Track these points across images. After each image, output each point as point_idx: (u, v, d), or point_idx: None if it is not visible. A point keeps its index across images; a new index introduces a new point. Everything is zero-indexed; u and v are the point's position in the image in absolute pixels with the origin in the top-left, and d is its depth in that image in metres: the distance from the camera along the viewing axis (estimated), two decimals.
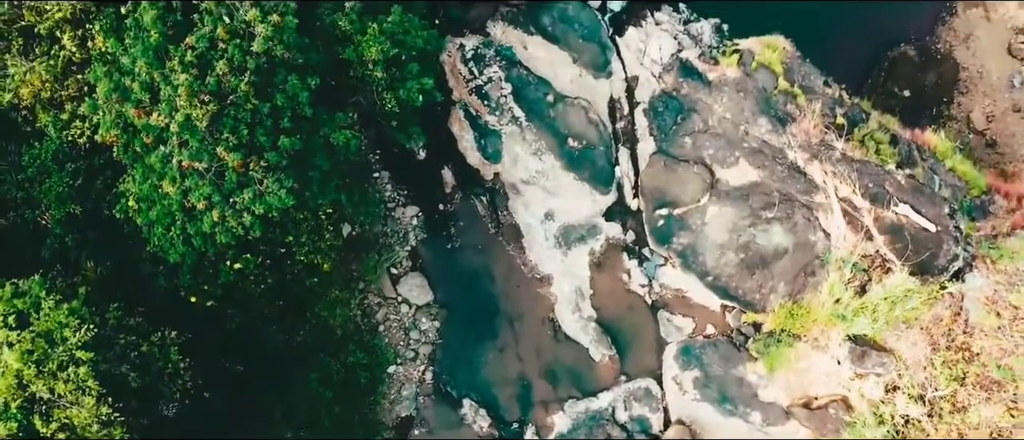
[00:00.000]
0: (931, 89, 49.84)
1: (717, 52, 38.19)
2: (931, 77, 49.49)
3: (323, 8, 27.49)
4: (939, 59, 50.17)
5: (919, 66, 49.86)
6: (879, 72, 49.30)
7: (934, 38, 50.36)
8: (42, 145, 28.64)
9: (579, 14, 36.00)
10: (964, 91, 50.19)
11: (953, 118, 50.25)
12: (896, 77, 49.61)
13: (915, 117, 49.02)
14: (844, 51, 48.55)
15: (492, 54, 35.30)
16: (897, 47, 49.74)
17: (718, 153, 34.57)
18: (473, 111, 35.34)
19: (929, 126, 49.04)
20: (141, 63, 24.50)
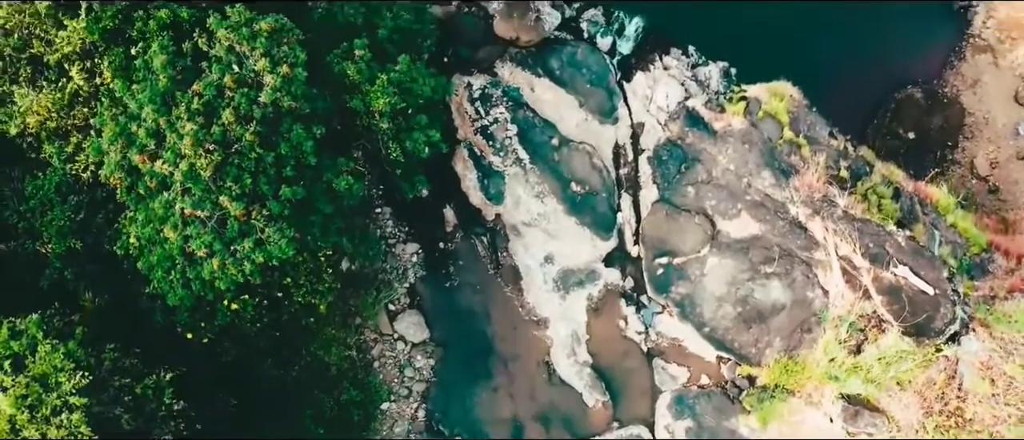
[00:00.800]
0: (936, 133, 49.80)
1: (724, 99, 38.14)
2: (937, 121, 49.50)
3: (333, 55, 27.43)
4: (945, 103, 50.12)
5: (925, 109, 49.86)
6: (885, 113, 49.28)
7: (941, 82, 50.32)
8: (45, 176, 28.64)
9: (588, 58, 35.96)
10: (969, 136, 50.17)
11: (957, 163, 50.28)
12: (902, 119, 49.60)
13: (919, 160, 49.08)
14: (851, 91, 48.56)
15: (499, 94, 35.28)
16: (904, 89, 49.71)
17: (720, 204, 34.56)
18: (477, 151, 35.33)
19: (933, 169, 49.14)
20: (148, 109, 24.49)
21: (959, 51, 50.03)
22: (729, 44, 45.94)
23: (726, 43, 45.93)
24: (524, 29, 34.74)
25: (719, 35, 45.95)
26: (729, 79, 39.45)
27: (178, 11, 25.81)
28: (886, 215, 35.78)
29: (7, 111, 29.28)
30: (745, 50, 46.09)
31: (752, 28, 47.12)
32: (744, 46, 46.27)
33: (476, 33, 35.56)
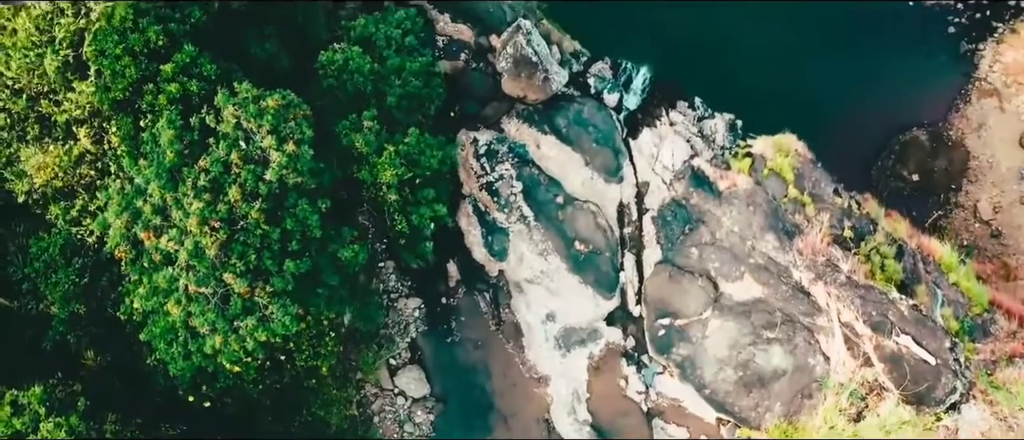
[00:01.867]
0: (940, 175, 49.88)
1: (729, 154, 38.13)
2: (941, 163, 49.55)
3: (341, 126, 27.41)
4: (950, 146, 50.20)
5: (929, 152, 49.92)
6: (889, 154, 49.35)
7: (946, 125, 50.39)
8: (50, 237, 28.65)
9: (595, 116, 35.92)
10: (973, 180, 50.21)
11: (960, 206, 50.34)
12: (906, 160, 49.69)
13: (923, 202, 49.20)
14: (856, 132, 48.64)
15: (505, 151, 35.24)
16: (909, 131, 49.82)
17: (724, 267, 34.56)
18: (482, 207, 35.31)
19: (936, 212, 49.21)
20: (154, 185, 24.50)
21: (965, 94, 50.09)
22: (735, 88, 46.03)
23: (732, 87, 46.02)
24: (532, 88, 34.67)
25: (725, 78, 46.05)
26: (735, 133, 39.41)
27: (187, 84, 25.72)
28: (889, 276, 35.74)
29: (14, 171, 29.27)
30: (751, 93, 46.17)
31: (758, 71, 47.19)
32: (750, 89, 46.34)
33: (483, 89, 35.50)
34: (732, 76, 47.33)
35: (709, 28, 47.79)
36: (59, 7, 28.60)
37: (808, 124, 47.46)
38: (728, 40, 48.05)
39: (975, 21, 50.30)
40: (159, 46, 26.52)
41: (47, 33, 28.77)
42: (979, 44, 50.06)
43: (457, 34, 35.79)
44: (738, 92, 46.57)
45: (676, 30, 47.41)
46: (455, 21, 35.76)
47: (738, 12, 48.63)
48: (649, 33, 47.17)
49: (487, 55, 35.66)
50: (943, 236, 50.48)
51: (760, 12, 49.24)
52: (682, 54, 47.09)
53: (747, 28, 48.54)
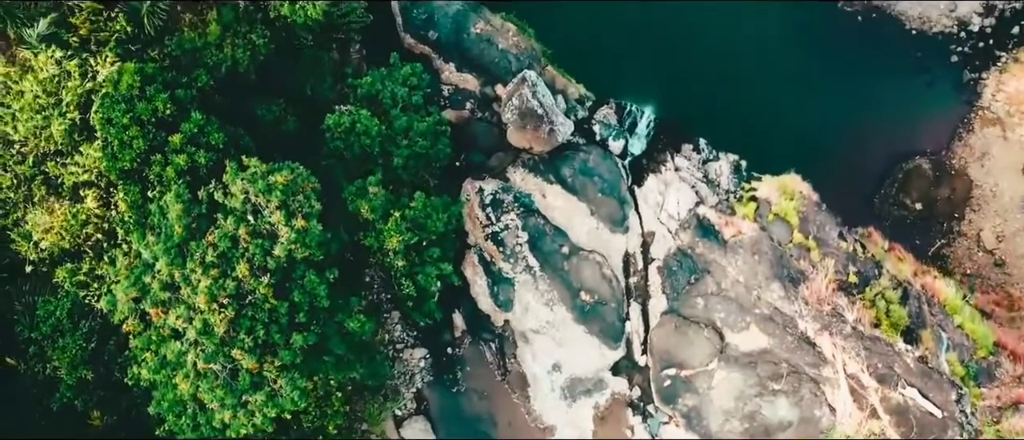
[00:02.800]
0: (943, 204, 49.95)
1: (734, 198, 38.06)
2: (944, 192, 49.58)
3: (348, 192, 27.34)
4: (953, 175, 50.26)
5: (932, 180, 49.95)
6: (892, 183, 49.39)
7: (949, 153, 50.42)
8: (57, 301, 28.58)
9: (600, 165, 35.85)
10: (976, 208, 50.24)
11: (963, 235, 50.36)
12: (909, 189, 49.72)
13: (926, 231, 49.21)
14: (859, 160, 48.66)
15: (510, 200, 35.17)
16: (912, 160, 49.84)
17: (729, 317, 34.55)
18: (487, 257, 35.27)
19: (939, 241, 49.22)
20: (163, 262, 24.44)
21: (968, 123, 50.12)
22: (738, 119, 46.02)
23: (735, 118, 46.01)
24: (537, 140, 34.60)
25: (728, 108, 46.03)
26: (739, 175, 39.37)
27: (195, 155, 25.64)
28: (895, 322, 35.75)
29: (21, 232, 29.20)
30: (754, 122, 46.17)
31: (762, 102, 47.21)
32: (753, 119, 46.35)
33: (489, 139, 35.45)
34: (735, 106, 47.39)
35: (711, 61, 47.80)
36: (66, 70, 28.49)
37: (811, 153, 47.57)
38: (731, 72, 48.08)
39: (978, 50, 50.27)
40: (166, 115, 26.38)
41: (54, 95, 28.64)
42: (982, 73, 50.04)
43: (462, 83, 35.67)
44: (741, 123, 46.62)
45: (679, 66, 47.43)
46: (461, 70, 35.63)
47: (740, 45, 48.64)
48: (652, 70, 47.16)
49: (492, 104, 35.57)
50: (946, 266, 50.61)
51: (763, 43, 49.28)
52: (685, 88, 47.13)
53: (750, 60, 48.56)
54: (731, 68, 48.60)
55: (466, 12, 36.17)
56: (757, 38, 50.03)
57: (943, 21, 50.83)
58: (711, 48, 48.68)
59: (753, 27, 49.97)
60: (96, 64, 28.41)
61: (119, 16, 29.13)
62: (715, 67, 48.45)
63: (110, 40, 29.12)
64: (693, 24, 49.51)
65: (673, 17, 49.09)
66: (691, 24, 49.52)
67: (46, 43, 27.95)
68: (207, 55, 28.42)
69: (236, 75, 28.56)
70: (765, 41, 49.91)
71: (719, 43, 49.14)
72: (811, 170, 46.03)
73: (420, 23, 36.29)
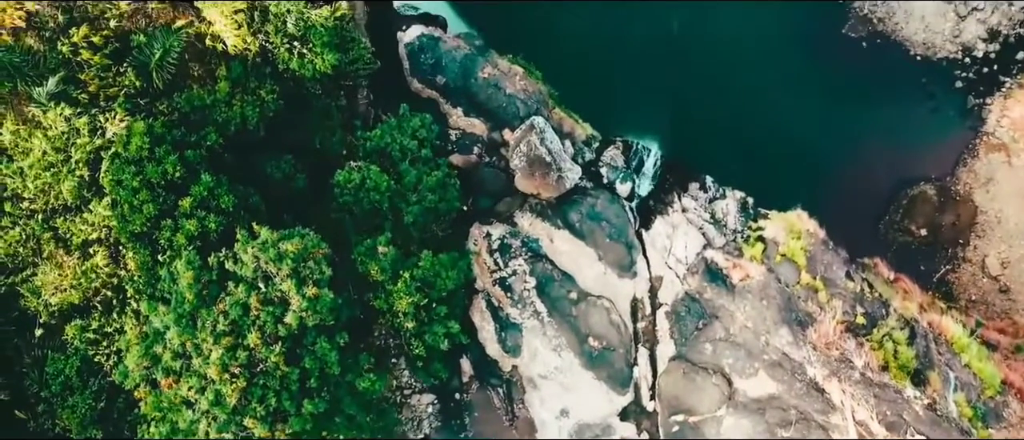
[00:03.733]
0: (948, 230, 50.08)
1: (741, 239, 38.05)
2: (948, 218, 49.69)
3: (357, 252, 27.27)
4: (957, 201, 50.35)
5: (937, 206, 50.05)
6: (897, 209, 49.53)
7: (954, 179, 50.58)
8: (67, 359, 28.50)
9: (607, 210, 35.78)
10: (981, 234, 50.33)
11: (968, 261, 50.49)
12: (913, 215, 49.83)
13: (930, 257, 49.38)
14: (864, 186, 48.81)
15: (518, 245, 35.13)
16: (916, 185, 50.01)
17: (738, 363, 34.54)
18: (495, 302, 35.22)
19: (944, 267, 49.31)
20: (174, 331, 24.36)
21: (972, 149, 50.21)
22: (744, 143, 46.09)
23: (741, 149, 46.09)
24: (545, 187, 34.56)
25: (735, 141, 46.10)
26: (747, 213, 39.33)
27: (205, 220, 25.57)
28: (903, 364, 35.79)
29: (30, 287, 29.13)
30: (759, 148, 46.26)
31: (767, 128, 47.28)
32: (759, 145, 46.42)
33: (497, 185, 35.35)
34: (740, 134, 47.49)
35: (716, 89, 47.89)
36: (75, 127, 28.39)
37: (817, 179, 47.78)
38: (735, 100, 48.15)
39: (982, 76, 50.34)
40: (176, 177, 26.29)
41: (63, 152, 28.55)
42: (987, 99, 50.13)
43: (470, 128, 35.61)
44: (747, 150, 46.74)
45: (684, 94, 47.50)
46: (468, 115, 35.55)
47: (745, 72, 48.68)
48: (658, 100, 47.23)
49: (500, 149, 35.49)
50: (951, 292, 50.70)
51: (767, 70, 49.31)
52: (691, 117, 47.21)
53: (754, 86, 48.63)
54: (736, 96, 48.77)
55: (473, 56, 36.07)
56: (762, 65, 50.13)
57: (947, 47, 50.86)
58: (715, 76, 48.85)
59: (757, 53, 50.11)
60: (105, 121, 28.24)
61: (128, 71, 29.01)
62: (719, 95, 48.63)
63: (119, 95, 28.95)
64: (697, 52, 49.64)
65: (677, 46, 49.23)
66: (695, 52, 49.65)
67: (55, 101, 27.77)
68: (216, 112, 28.32)
69: (245, 132, 28.41)
70: (770, 68, 50.02)
71: (723, 71, 49.29)
72: (816, 197, 46.23)
73: (427, 68, 36.19)
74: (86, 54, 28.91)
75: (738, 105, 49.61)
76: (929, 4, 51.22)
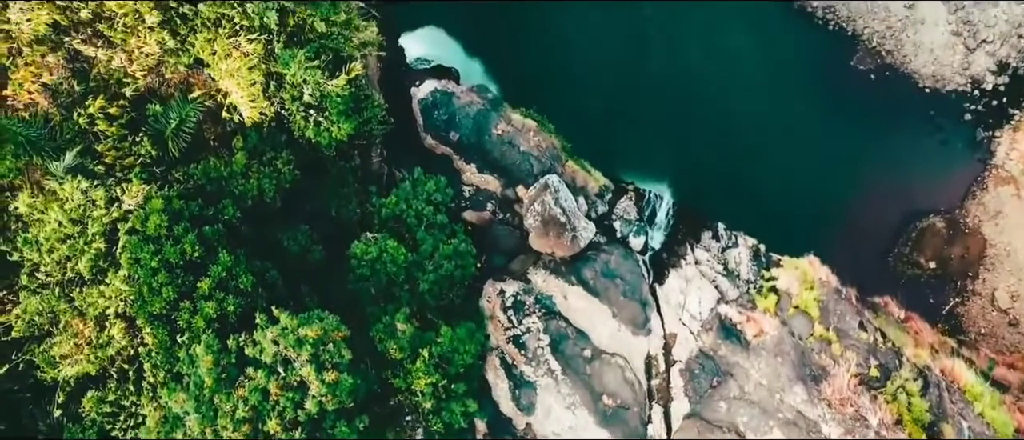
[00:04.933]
0: (957, 263, 50.11)
1: (754, 289, 38.01)
2: (957, 250, 49.71)
3: (375, 330, 27.20)
4: (966, 233, 50.37)
5: (946, 239, 50.07)
6: (905, 242, 49.57)
7: (963, 212, 50.58)
8: (84, 431, 28.43)
9: (621, 266, 35.69)
10: (990, 267, 50.37)
11: (977, 294, 50.54)
12: (922, 248, 49.85)
13: (939, 290, 49.44)
14: (873, 219, 48.84)
15: (532, 302, 35.04)
16: (925, 218, 50.04)
17: (752, 422, 34.50)
18: (509, 360, 35.15)
19: (953, 300, 49.36)
20: (194, 418, 24.27)
21: (981, 181, 50.24)
22: (753, 184, 46.07)
23: (750, 184, 46.07)
24: (560, 246, 34.47)
25: (744, 176, 46.06)
26: (759, 261, 39.27)
27: (224, 302, 25.49)
28: (916, 417, 35.84)
29: (45, 358, 29.04)
30: (769, 186, 46.25)
31: (775, 162, 47.25)
32: (768, 181, 46.40)
33: (510, 242, 35.26)
34: (750, 169, 47.45)
35: (723, 123, 47.84)
36: (92, 198, 28.26)
37: (826, 212, 47.77)
38: (744, 135, 48.11)
39: (991, 108, 50.32)
40: (195, 257, 26.18)
41: (79, 224, 28.43)
42: (996, 131, 50.14)
43: (484, 184, 35.48)
44: (756, 185, 46.72)
45: (694, 129, 47.45)
46: (482, 171, 35.42)
47: (752, 106, 48.63)
48: (667, 139, 47.16)
49: (514, 205, 35.35)
50: (960, 325, 50.75)
51: (775, 104, 49.25)
52: (700, 153, 47.16)
53: (762, 121, 48.58)
54: (744, 130, 48.77)
55: (487, 112, 35.93)
56: (770, 98, 50.07)
57: (956, 79, 50.78)
58: (723, 111, 48.83)
59: (766, 87, 50.05)
60: (121, 193, 28.12)
61: (144, 140, 28.90)
62: (728, 130, 48.60)
63: (135, 165, 28.83)
64: (706, 88, 49.58)
65: (685, 83, 49.12)
66: (704, 88, 49.59)
67: (72, 173, 27.65)
68: (233, 184, 28.17)
69: (262, 203, 28.29)
70: (778, 101, 49.97)
71: (731, 105, 49.24)
72: (826, 231, 46.36)
73: (441, 124, 36.05)
74: (102, 125, 28.75)
75: (747, 139, 49.60)
76: (938, 37, 51.11)
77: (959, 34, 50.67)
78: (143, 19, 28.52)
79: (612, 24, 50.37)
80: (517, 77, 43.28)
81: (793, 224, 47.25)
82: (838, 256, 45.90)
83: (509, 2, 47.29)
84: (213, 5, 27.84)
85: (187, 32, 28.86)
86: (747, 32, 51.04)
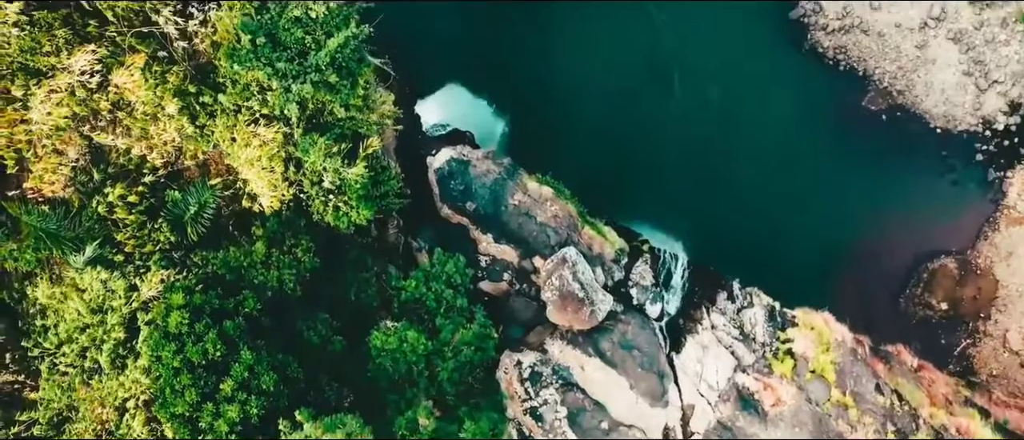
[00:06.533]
0: (969, 304, 50.06)
1: (770, 353, 37.96)
2: (969, 291, 49.66)
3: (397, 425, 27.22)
4: (979, 274, 50.29)
5: (958, 280, 50.01)
6: (917, 283, 49.50)
7: (974, 253, 50.48)
8: None
9: (639, 337, 35.61)
10: (1002, 309, 50.33)
11: (989, 335, 50.50)
12: (934, 289, 49.81)
13: (951, 331, 49.39)
14: (884, 260, 48.73)
15: (549, 373, 34.98)
16: (937, 259, 49.92)
17: None
18: (526, 431, 35.09)
19: (965, 341, 49.38)
20: None
21: (993, 222, 50.14)
22: (765, 228, 45.99)
23: (762, 228, 45.98)
24: (578, 320, 34.39)
25: (756, 220, 45.96)
26: (774, 322, 39.20)
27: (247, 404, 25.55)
28: None
29: None
30: (781, 229, 46.17)
31: (786, 205, 47.18)
32: (780, 225, 46.32)
33: (527, 313, 35.19)
34: (762, 212, 47.32)
35: (735, 168, 47.71)
36: (110, 288, 28.17)
37: (837, 254, 47.67)
38: (755, 177, 48.00)
39: (1003, 148, 50.21)
40: (216, 356, 26.11)
41: (98, 313, 28.35)
42: (1007, 171, 50.01)
43: (501, 254, 35.34)
44: (768, 228, 46.60)
45: (705, 178, 47.32)
46: (499, 242, 35.27)
47: (763, 146, 48.50)
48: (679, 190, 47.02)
49: (531, 276, 35.22)
50: (972, 367, 50.74)
51: (786, 144, 49.11)
52: (711, 201, 47.03)
53: (773, 161, 48.45)
54: (755, 172, 48.54)
55: (503, 181, 35.76)
56: (780, 139, 49.88)
57: (968, 120, 50.61)
58: (734, 156, 48.59)
59: (776, 128, 49.84)
60: (141, 283, 28.02)
61: (163, 226, 28.80)
62: (740, 174, 48.39)
63: (154, 251, 28.73)
64: (716, 133, 49.37)
65: (697, 128, 48.93)
66: (714, 133, 49.38)
67: (91, 265, 27.55)
68: (253, 274, 28.04)
69: (281, 293, 28.19)
70: (788, 142, 49.77)
71: (741, 147, 49.02)
72: (837, 272, 46.19)
73: (457, 194, 35.90)
74: (122, 212, 28.61)
75: (757, 180, 49.44)
76: (950, 77, 50.92)
77: (970, 74, 50.46)
78: (162, 106, 28.29)
79: (623, 69, 50.18)
80: (533, 128, 43.25)
81: (805, 265, 47.22)
82: (850, 298, 45.97)
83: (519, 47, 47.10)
84: (233, 93, 27.64)
85: (206, 118, 28.65)
86: (757, 75, 50.81)
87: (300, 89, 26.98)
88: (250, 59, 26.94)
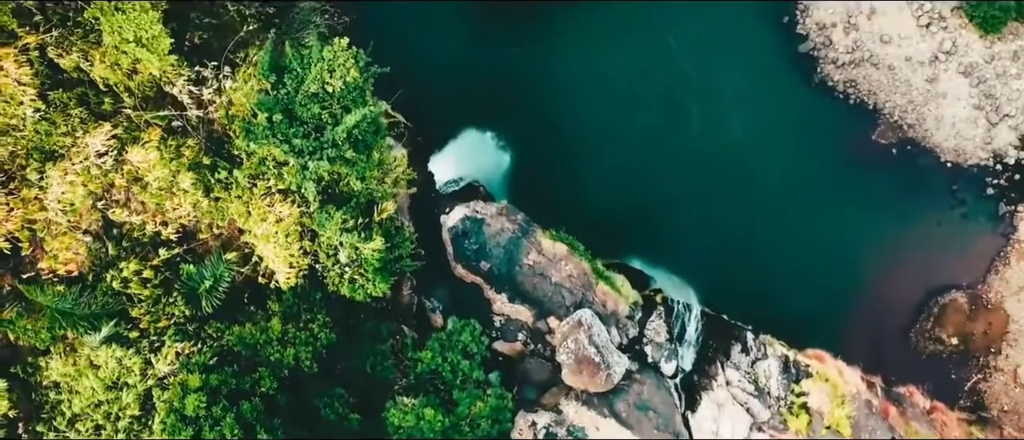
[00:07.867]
0: (979, 338, 50.01)
1: (785, 408, 37.89)
2: (980, 326, 49.59)
3: None
4: (989, 309, 50.21)
5: (968, 314, 49.95)
6: (927, 317, 49.45)
7: (985, 287, 50.41)
8: None
9: (654, 397, 35.47)
10: (1013, 343, 50.28)
11: (1000, 370, 50.49)
12: (944, 323, 49.74)
13: (962, 365, 49.39)
14: (894, 294, 48.66)
15: (564, 434, 34.84)
16: (948, 293, 49.82)
17: None
18: None
19: (975, 376, 49.41)
20: None
21: (1004, 256, 50.07)
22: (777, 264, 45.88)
23: (774, 265, 45.88)
24: (594, 384, 34.25)
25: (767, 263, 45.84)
26: (788, 374, 39.11)
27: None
28: None
29: None
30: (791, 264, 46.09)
31: (796, 239, 47.08)
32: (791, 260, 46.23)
33: (542, 375, 35.04)
34: (773, 248, 47.20)
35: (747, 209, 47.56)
36: (125, 366, 28.00)
37: (848, 289, 47.58)
38: (766, 214, 47.86)
39: (1014, 182, 50.05)
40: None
41: (113, 389, 28.19)
42: (1018, 205, 49.86)
43: (515, 314, 35.17)
44: (780, 262, 46.48)
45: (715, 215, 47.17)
46: (513, 301, 35.09)
47: (773, 182, 48.34)
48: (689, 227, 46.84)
49: (545, 337, 35.06)
50: (982, 403, 50.78)
51: (795, 178, 48.95)
52: (725, 239, 46.89)
53: (783, 197, 48.31)
54: (764, 205, 48.40)
55: (517, 240, 35.54)
56: (790, 173, 49.70)
57: (978, 154, 50.44)
58: (743, 192, 48.42)
59: (785, 161, 49.66)
60: (156, 359, 27.84)
61: (177, 300, 28.57)
62: (749, 211, 48.24)
63: (169, 326, 28.53)
64: (726, 168, 49.17)
65: (706, 165, 48.72)
66: (724, 168, 49.18)
67: (107, 342, 27.37)
68: (269, 351, 27.85)
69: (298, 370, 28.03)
70: (798, 175, 49.60)
71: (750, 180, 48.84)
72: (847, 307, 46.11)
73: (471, 254, 35.71)
74: (136, 288, 28.38)
75: (767, 214, 49.26)
76: (960, 111, 50.72)
77: (981, 108, 50.25)
78: (177, 181, 28.05)
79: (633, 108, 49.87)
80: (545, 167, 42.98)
81: (815, 299, 47.11)
82: (861, 333, 45.89)
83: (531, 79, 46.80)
84: (248, 167, 27.40)
85: (221, 191, 28.41)
86: (767, 110, 50.57)
87: (317, 166, 26.70)
88: (266, 136, 26.68)
